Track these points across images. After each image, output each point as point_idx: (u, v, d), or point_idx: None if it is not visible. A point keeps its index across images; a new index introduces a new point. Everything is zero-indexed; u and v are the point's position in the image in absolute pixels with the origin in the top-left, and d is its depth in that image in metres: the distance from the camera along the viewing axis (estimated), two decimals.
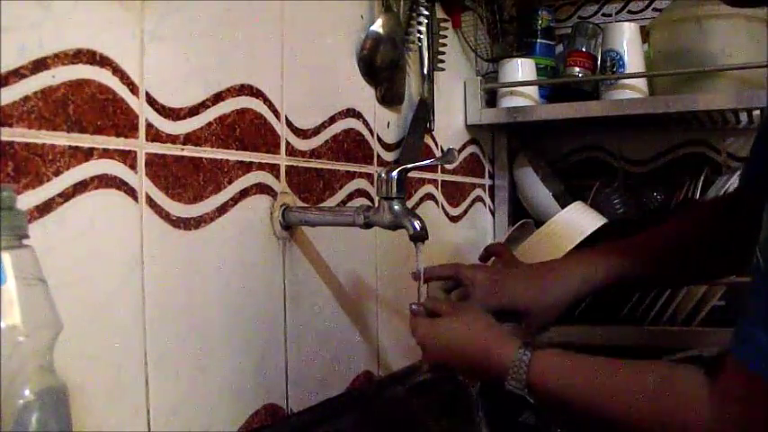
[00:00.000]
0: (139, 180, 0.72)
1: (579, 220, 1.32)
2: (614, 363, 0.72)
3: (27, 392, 0.48)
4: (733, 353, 0.62)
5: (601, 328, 1.26)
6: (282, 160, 0.92)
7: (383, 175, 0.87)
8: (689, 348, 1.23)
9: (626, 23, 1.42)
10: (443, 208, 1.36)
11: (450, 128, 1.40)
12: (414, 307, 0.89)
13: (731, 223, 0.90)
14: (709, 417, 0.63)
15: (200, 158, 0.79)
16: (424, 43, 1.23)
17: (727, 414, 0.62)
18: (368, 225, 0.89)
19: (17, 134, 0.60)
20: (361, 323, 1.09)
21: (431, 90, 1.25)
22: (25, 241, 0.50)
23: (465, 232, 1.45)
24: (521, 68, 1.44)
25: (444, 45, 1.29)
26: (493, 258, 1.06)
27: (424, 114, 1.23)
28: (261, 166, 0.88)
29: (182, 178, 0.77)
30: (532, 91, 1.47)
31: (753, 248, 0.62)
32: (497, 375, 0.77)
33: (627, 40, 1.40)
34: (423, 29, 1.22)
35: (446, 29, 1.30)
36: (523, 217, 1.50)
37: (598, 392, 0.71)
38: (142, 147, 0.72)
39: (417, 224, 0.85)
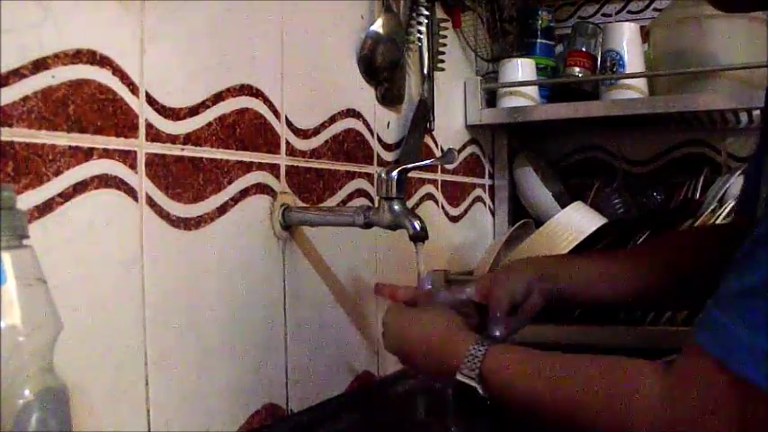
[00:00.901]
0: (139, 180, 0.72)
1: (579, 220, 1.32)
2: (566, 355, 0.72)
3: (27, 392, 0.48)
4: (695, 336, 0.61)
5: (600, 328, 1.26)
6: (282, 160, 0.92)
7: (383, 175, 0.87)
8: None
9: (626, 23, 1.42)
10: (443, 208, 1.37)
11: (450, 128, 1.40)
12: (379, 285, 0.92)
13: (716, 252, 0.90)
14: (659, 398, 0.62)
15: (200, 158, 0.79)
16: (424, 43, 1.23)
17: (679, 395, 0.61)
18: (368, 225, 0.89)
19: (17, 134, 0.60)
20: (361, 323, 1.09)
21: (431, 90, 1.25)
22: (25, 241, 0.50)
23: (465, 232, 1.45)
24: (521, 68, 1.44)
25: (444, 45, 1.29)
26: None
27: (424, 114, 1.23)
28: (261, 166, 0.88)
29: (182, 178, 0.77)
30: (532, 91, 1.47)
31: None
32: (451, 366, 0.76)
33: (627, 40, 1.39)
34: (423, 29, 1.22)
35: (446, 29, 1.30)
36: (523, 217, 1.50)
37: (547, 381, 0.71)
38: (142, 147, 0.72)
39: (417, 224, 0.85)
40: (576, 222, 1.31)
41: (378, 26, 1.08)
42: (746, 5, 0.75)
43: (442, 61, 1.29)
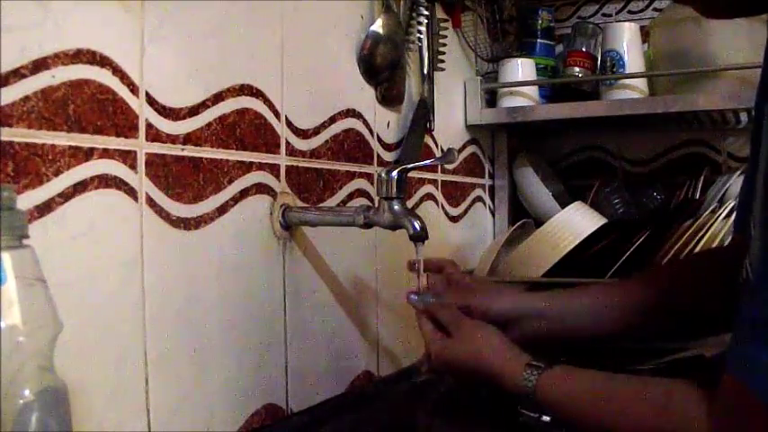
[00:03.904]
0: (139, 180, 0.72)
1: (579, 220, 1.32)
2: (617, 384, 0.73)
3: (27, 392, 0.48)
4: (728, 370, 0.61)
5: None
6: (282, 160, 0.92)
7: (383, 175, 0.87)
8: (689, 348, 1.23)
9: (626, 23, 1.42)
10: (443, 208, 1.36)
11: (450, 128, 1.40)
12: (413, 297, 0.89)
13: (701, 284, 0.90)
14: None
15: (200, 158, 0.79)
16: (424, 43, 1.23)
17: (723, 430, 0.62)
18: (368, 225, 0.89)
19: (17, 134, 0.60)
20: (361, 323, 1.09)
21: (431, 90, 1.25)
22: (25, 241, 0.50)
23: (465, 232, 1.45)
24: (521, 68, 1.44)
25: (444, 45, 1.29)
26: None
27: (424, 114, 1.23)
28: (261, 166, 0.88)
29: (182, 178, 0.77)
30: (532, 91, 1.47)
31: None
32: (511, 397, 0.78)
33: (627, 40, 1.39)
34: (423, 29, 1.22)
35: (446, 29, 1.30)
36: (523, 217, 1.50)
37: (601, 414, 0.72)
38: (142, 147, 0.72)
39: (417, 224, 0.85)
40: (576, 222, 1.32)
41: (378, 26, 1.08)
42: (730, 13, 0.76)
43: (442, 61, 1.29)
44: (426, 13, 1.22)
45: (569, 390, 0.75)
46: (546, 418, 0.76)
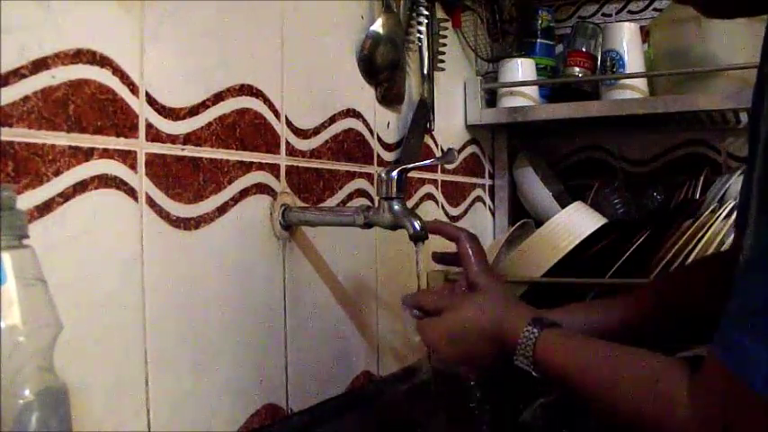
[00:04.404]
0: (139, 180, 0.72)
1: (579, 221, 1.32)
2: (613, 349, 0.73)
3: (27, 392, 0.48)
4: (714, 354, 0.62)
5: None
6: (282, 160, 0.92)
7: (383, 175, 0.87)
8: (689, 348, 1.23)
9: (626, 23, 1.42)
10: (443, 208, 1.36)
11: (450, 128, 1.40)
12: (416, 313, 0.89)
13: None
14: (686, 416, 0.63)
15: (200, 158, 0.79)
16: (424, 43, 1.23)
17: (704, 414, 0.62)
18: (368, 225, 0.89)
19: (17, 134, 0.60)
20: (361, 323, 1.09)
21: (431, 90, 1.25)
22: (25, 241, 0.50)
23: None
24: (521, 68, 1.44)
25: (444, 45, 1.29)
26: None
27: (424, 114, 1.23)
28: (261, 166, 0.88)
29: (182, 178, 0.77)
30: (532, 91, 1.47)
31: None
32: (508, 352, 0.79)
33: (627, 40, 1.40)
34: (423, 29, 1.22)
35: (446, 29, 1.30)
36: (523, 217, 1.50)
37: (592, 376, 0.73)
38: (142, 147, 0.72)
39: (417, 224, 0.85)
40: (576, 222, 1.31)
41: (378, 26, 1.08)
42: (730, 13, 0.76)
43: (442, 61, 1.29)
44: (426, 13, 1.22)
45: (568, 348, 0.76)
46: (535, 375, 0.76)
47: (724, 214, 1.27)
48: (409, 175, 0.97)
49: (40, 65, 0.62)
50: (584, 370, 0.73)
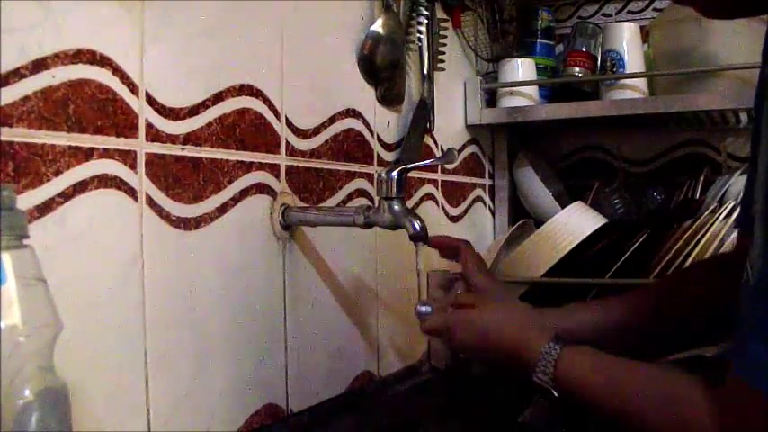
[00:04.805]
0: (139, 180, 0.72)
1: (579, 221, 1.32)
2: (634, 369, 0.73)
3: (27, 392, 0.48)
4: (733, 368, 0.61)
5: None
6: (282, 160, 0.92)
7: (383, 175, 0.87)
8: (689, 348, 1.23)
9: (626, 23, 1.42)
10: (443, 208, 1.36)
11: (450, 128, 1.40)
12: (422, 309, 0.89)
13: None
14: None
15: (200, 158, 0.79)
16: (424, 43, 1.23)
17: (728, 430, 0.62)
18: (368, 225, 0.89)
19: (17, 134, 0.60)
20: (361, 323, 1.09)
21: (431, 90, 1.25)
22: (25, 241, 0.50)
23: (465, 232, 1.45)
24: (521, 68, 1.44)
25: (444, 45, 1.29)
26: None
27: (424, 114, 1.23)
28: (261, 166, 0.88)
29: (182, 178, 0.77)
30: (532, 91, 1.47)
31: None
32: (526, 366, 0.77)
33: (627, 40, 1.39)
34: (423, 29, 1.22)
35: (446, 29, 1.30)
36: (523, 217, 1.50)
37: (613, 396, 0.72)
38: (142, 147, 0.72)
39: (417, 224, 0.85)
40: (576, 222, 1.32)
41: (378, 26, 1.08)
42: (730, 13, 0.76)
43: (442, 61, 1.29)
44: (426, 13, 1.22)
45: (589, 366, 0.75)
46: (555, 394, 0.75)
47: (724, 214, 1.27)
48: (409, 175, 0.97)
49: (40, 65, 0.62)
50: (608, 388, 0.73)
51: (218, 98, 0.82)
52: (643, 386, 0.71)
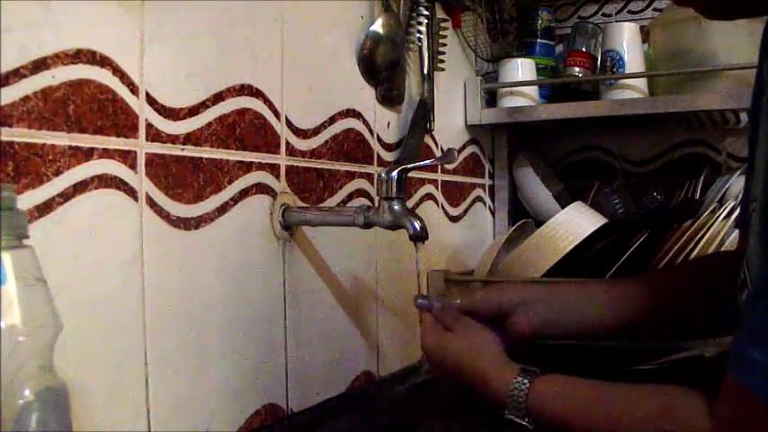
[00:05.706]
0: (139, 180, 0.72)
1: (579, 221, 1.32)
2: (614, 390, 0.72)
3: (27, 392, 0.48)
4: (730, 373, 0.61)
5: None
6: (282, 160, 0.92)
7: (383, 175, 0.87)
8: (689, 348, 1.23)
9: (626, 23, 1.42)
10: (443, 208, 1.37)
11: (450, 128, 1.40)
12: (420, 301, 0.88)
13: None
14: None
15: (200, 158, 0.79)
16: (424, 43, 1.23)
17: None
18: (368, 225, 0.89)
19: (17, 134, 0.60)
20: (361, 323, 1.09)
21: (431, 90, 1.25)
22: (25, 241, 0.50)
23: (465, 232, 1.45)
24: (521, 68, 1.44)
25: (444, 45, 1.29)
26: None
27: (424, 114, 1.23)
28: (261, 166, 0.88)
29: (182, 178, 0.77)
30: (532, 91, 1.47)
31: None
32: (497, 403, 0.77)
33: (627, 40, 1.39)
34: (423, 29, 1.22)
35: (446, 29, 1.30)
36: (523, 217, 1.50)
37: (599, 422, 0.71)
38: (142, 147, 0.72)
39: (417, 224, 0.85)
40: (575, 222, 1.31)
41: (378, 26, 1.08)
42: (730, 14, 0.76)
43: (443, 61, 1.29)
44: (426, 13, 1.21)
45: (564, 395, 0.74)
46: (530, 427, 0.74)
47: (724, 214, 1.27)
48: (409, 175, 0.97)
49: (40, 65, 0.62)
50: (590, 413, 0.71)
51: (218, 98, 0.82)
52: (630, 399, 0.70)
